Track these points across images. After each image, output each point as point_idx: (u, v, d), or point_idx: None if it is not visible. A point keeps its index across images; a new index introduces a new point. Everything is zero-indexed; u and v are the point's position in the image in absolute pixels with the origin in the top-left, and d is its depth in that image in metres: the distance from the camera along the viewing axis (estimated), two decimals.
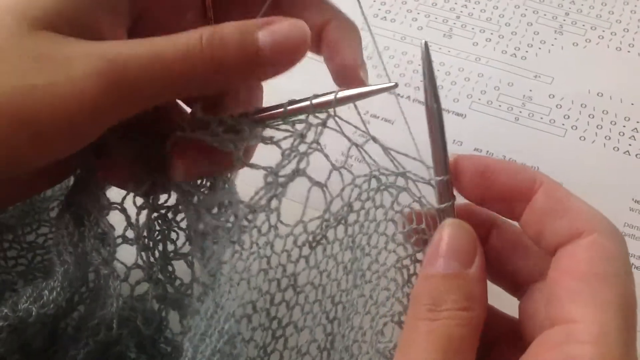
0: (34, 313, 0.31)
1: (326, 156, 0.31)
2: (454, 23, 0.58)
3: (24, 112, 0.26)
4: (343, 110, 0.31)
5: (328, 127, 0.30)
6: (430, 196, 0.30)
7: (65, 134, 0.27)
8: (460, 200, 0.30)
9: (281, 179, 0.30)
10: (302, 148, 0.30)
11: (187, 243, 0.35)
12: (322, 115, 0.30)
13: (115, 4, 0.30)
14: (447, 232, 0.28)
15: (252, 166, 0.31)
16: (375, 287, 0.31)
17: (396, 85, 0.30)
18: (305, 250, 0.31)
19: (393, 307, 0.30)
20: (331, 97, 0.30)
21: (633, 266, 0.43)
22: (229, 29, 0.28)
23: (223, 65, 0.28)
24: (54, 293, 0.31)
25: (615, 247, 0.26)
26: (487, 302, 0.27)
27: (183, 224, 0.34)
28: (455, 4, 0.59)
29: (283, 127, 0.31)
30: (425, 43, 0.29)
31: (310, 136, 0.30)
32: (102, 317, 0.33)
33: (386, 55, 0.56)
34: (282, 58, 0.28)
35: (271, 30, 0.28)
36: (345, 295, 0.32)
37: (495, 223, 0.30)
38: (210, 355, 0.30)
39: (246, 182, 0.33)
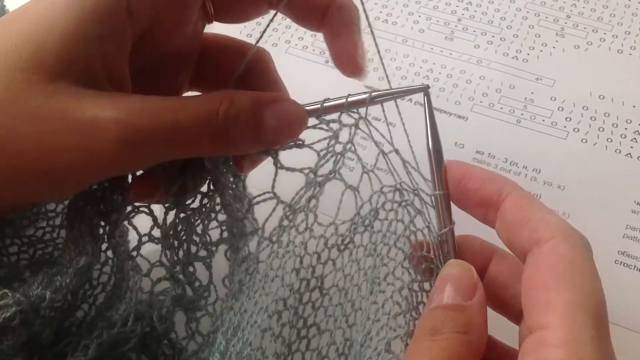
0: (47, 297, 0.31)
1: (359, 157, 0.32)
2: (456, 26, 0.58)
3: (49, 170, 0.29)
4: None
5: (360, 129, 0.32)
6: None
7: (82, 184, 0.31)
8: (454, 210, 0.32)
9: (319, 179, 0.32)
10: (338, 148, 0.32)
11: (203, 249, 0.36)
12: (355, 116, 0.32)
13: (118, 33, 0.31)
14: (450, 272, 0.30)
15: (290, 169, 0.32)
16: (388, 298, 0.32)
17: (428, 87, 0.31)
18: (334, 253, 0.33)
19: (402, 326, 0.31)
20: (366, 96, 0.32)
21: (635, 268, 0.43)
22: (243, 105, 0.30)
23: (233, 140, 0.30)
24: (67, 279, 0.32)
25: (574, 250, 0.27)
26: (487, 331, 0.29)
27: (199, 229, 0.36)
28: (457, 6, 0.59)
29: (318, 126, 0.32)
30: (426, 91, 0.32)
31: (343, 136, 0.32)
32: (119, 308, 0.34)
33: (388, 58, 0.56)
34: (280, 139, 0.32)
35: (276, 111, 0.31)
36: (364, 302, 0.33)
37: (495, 252, 0.32)
38: (242, 348, 0.32)
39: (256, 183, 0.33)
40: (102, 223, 0.34)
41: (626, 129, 0.50)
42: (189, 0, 0.33)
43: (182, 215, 0.34)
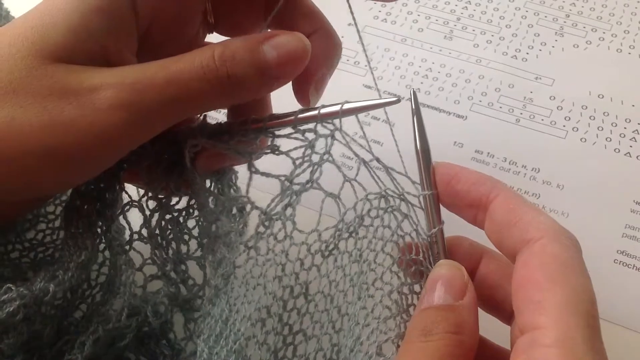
0: (51, 290, 0.31)
1: (338, 167, 0.32)
2: (455, 25, 0.58)
3: (51, 147, 0.28)
4: (349, 123, 0.32)
5: (336, 139, 0.32)
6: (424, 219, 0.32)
7: (90, 163, 0.30)
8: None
9: (295, 187, 0.32)
10: (315, 158, 0.32)
11: (200, 249, 0.36)
12: (330, 127, 0.32)
13: (123, 29, 0.31)
14: (441, 272, 0.30)
15: (265, 174, 0.32)
16: (377, 303, 0.32)
17: (399, 100, 0.31)
18: (318, 259, 0.33)
19: (393, 329, 0.31)
20: (337, 108, 0.31)
21: (634, 267, 0.43)
22: (237, 45, 0.30)
23: (237, 81, 0.29)
24: (69, 273, 0.32)
25: (564, 249, 0.27)
26: (478, 331, 0.29)
27: (195, 232, 0.36)
28: (456, 6, 0.59)
29: (293, 136, 0.32)
30: (413, 91, 0.32)
31: (319, 146, 0.32)
32: (114, 303, 0.34)
33: (387, 57, 0.56)
34: (287, 69, 0.30)
35: (274, 43, 0.30)
36: (351, 307, 0.33)
37: (485, 252, 0.32)
38: (226, 356, 0.31)
39: (257, 188, 0.34)
40: (100, 223, 0.34)
41: (625, 128, 0.50)
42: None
43: (168, 216, 0.34)
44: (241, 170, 0.37)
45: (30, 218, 0.39)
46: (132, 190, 0.35)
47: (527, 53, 0.55)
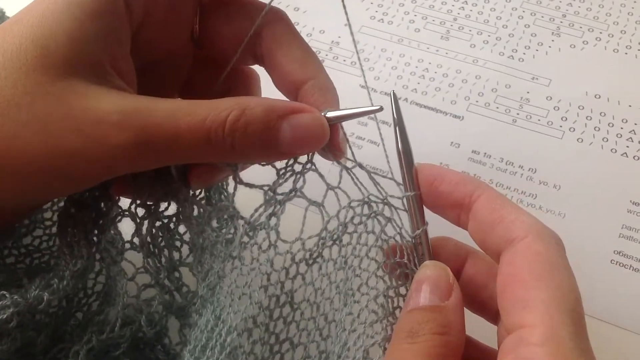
0: (45, 298, 0.31)
1: (321, 176, 0.32)
2: (451, 25, 0.58)
3: (52, 170, 0.28)
4: (346, 124, 0.32)
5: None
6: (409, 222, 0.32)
7: (90, 184, 0.32)
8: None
9: (279, 197, 0.32)
10: (297, 168, 0.32)
11: (192, 255, 0.36)
12: None
13: (121, 29, 0.31)
14: (426, 273, 0.30)
15: (249, 185, 0.32)
16: (363, 308, 0.32)
17: (381, 109, 0.31)
18: (302, 267, 0.33)
19: (379, 332, 0.31)
20: None
21: (631, 268, 0.43)
22: (255, 114, 0.29)
23: (241, 152, 0.30)
24: (64, 282, 0.32)
25: (548, 248, 0.27)
26: (464, 331, 0.29)
27: (186, 237, 0.36)
28: (453, 6, 0.59)
29: None
30: (393, 92, 0.32)
31: (303, 156, 0.32)
32: (109, 313, 0.34)
33: (384, 58, 0.56)
34: (296, 152, 0.31)
35: (294, 123, 0.30)
36: (338, 314, 0.33)
37: (470, 253, 0.32)
38: None
39: (244, 200, 0.34)
40: (96, 231, 0.34)
41: (622, 128, 0.50)
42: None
43: (158, 223, 0.34)
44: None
45: (27, 224, 0.39)
46: (122, 200, 0.35)
47: (524, 53, 0.55)
